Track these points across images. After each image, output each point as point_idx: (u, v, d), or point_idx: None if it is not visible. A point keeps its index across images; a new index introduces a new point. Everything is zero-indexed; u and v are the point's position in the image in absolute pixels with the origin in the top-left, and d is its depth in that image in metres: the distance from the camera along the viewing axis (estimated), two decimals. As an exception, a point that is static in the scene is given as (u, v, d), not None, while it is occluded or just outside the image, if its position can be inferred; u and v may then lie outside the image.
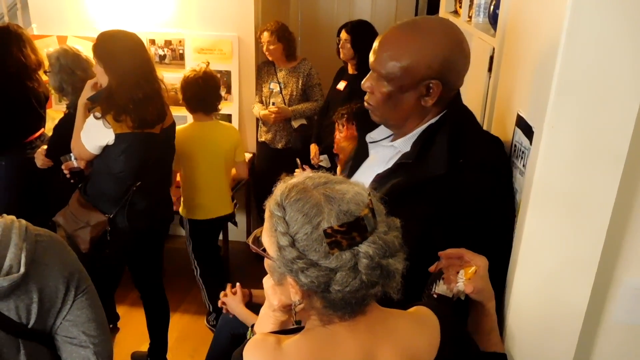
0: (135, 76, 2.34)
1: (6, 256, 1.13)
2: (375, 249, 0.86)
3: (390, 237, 0.88)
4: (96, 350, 1.27)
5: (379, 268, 0.87)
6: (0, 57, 3.04)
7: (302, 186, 0.90)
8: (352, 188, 0.89)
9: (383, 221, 0.89)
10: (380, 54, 1.28)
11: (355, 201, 0.87)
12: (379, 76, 1.29)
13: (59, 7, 3.79)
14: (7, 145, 3.06)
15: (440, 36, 1.26)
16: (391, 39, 1.28)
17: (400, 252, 0.90)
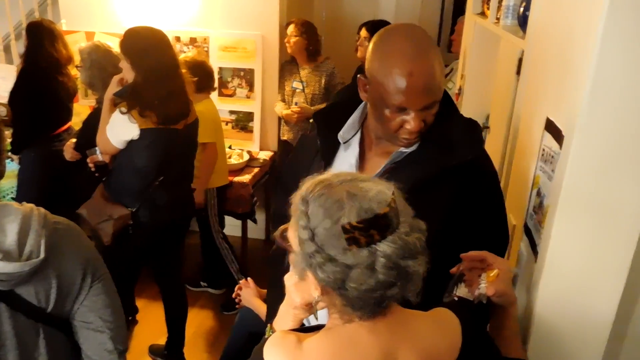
0: (161, 73, 2.36)
1: (26, 242, 1.15)
2: (395, 249, 0.85)
3: (412, 239, 0.87)
4: (112, 336, 1.30)
5: (397, 269, 0.86)
6: (32, 51, 3.12)
7: (327, 182, 0.91)
8: (376, 186, 0.89)
9: (406, 222, 0.88)
10: (436, 84, 1.22)
11: (377, 199, 0.86)
12: (432, 105, 1.24)
13: (87, 3, 3.85)
14: (36, 138, 3.12)
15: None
16: (432, 64, 1.21)
17: (421, 254, 0.88)
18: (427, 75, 1.20)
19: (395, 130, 1.26)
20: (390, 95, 1.20)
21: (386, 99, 1.22)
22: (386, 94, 1.21)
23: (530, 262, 1.32)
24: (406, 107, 1.21)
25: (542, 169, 1.31)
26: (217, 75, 3.77)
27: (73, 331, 1.29)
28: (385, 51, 1.23)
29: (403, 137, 1.26)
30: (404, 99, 1.20)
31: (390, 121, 1.24)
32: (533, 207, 1.37)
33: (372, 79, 1.25)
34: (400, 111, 1.22)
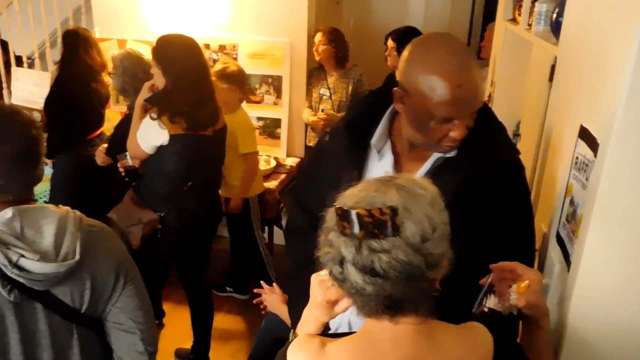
0: (191, 79, 2.39)
1: (62, 244, 1.18)
2: (352, 255, 0.86)
3: (376, 257, 0.84)
4: (143, 337, 1.33)
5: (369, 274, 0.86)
6: (68, 59, 3.20)
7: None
8: (392, 194, 0.87)
9: (391, 240, 0.84)
10: (481, 92, 1.24)
11: (373, 200, 0.86)
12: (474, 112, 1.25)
13: (120, 12, 3.93)
14: (70, 142, 3.19)
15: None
16: (475, 73, 1.22)
17: (382, 278, 0.85)
18: (474, 85, 1.20)
19: (439, 140, 1.26)
20: (438, 108, 1.20)
21: (432, 111, 1.21)
22: (433, 106, 1.20)
23: (563, 272, 1.29)
24: (453, 118, 1.21)
25: (576, 177, 1.29)
26: (245, 82, 3.83)
27: (105, 332, 1.32)
28: (427, 64, 1.22)
29: (447, 144, 1.26)
30: (453, 110, 1.20)
31: (435, 131, 1.24)
32: (566, 216, 1.34)
33: (413, 92, 1.24)
34: (446, 121, 1.22)
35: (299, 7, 3.62)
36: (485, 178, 1.25)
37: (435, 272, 0.89)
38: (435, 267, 0.88)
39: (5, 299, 1.14)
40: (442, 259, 0.89)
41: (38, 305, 1.19)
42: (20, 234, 1.16)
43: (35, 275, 1.13)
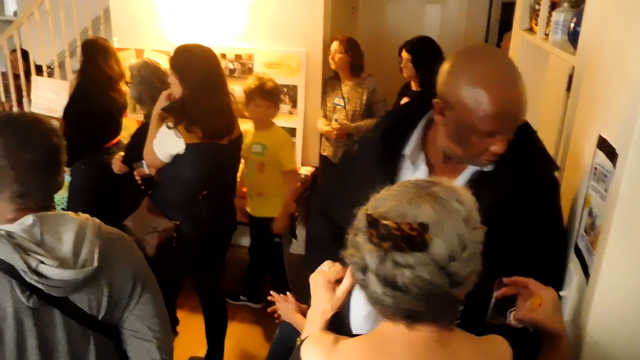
0: (208, 89, 2.41)
1: (81, 251, 1.20)
2: (376, 264, 0.85)
3: (399, 272, 0.84)
4: (159, 345, 1.33)
5: (389, 286, 0.86)
6: (87, 68, 3.25)
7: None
8: (429, 207, 0.85)
9: (416, 256, 0.83)
10: (523, 107, 1.21)
11: (404, 212, 0.85)
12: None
13: (138, 22, 3.99)
14: (88, 151, 3.23)
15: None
16: (522, 88, 1.20)
17: (403, 292, 0.85)
18: (519, 100, 1.18)
19: (478, 154, 1.24)
20: (482, 121, 1.18)
21: (476, 125, 1.19)
22: (477, 120, 1.18)
23: (581, 284, 1.27)
24: (496, 132, 1.19)
25: (594, 188, 1.27)
26: (260, 91, 3.85)
27: (121, 339, 1.32)
28: (472, 76, 1.19)
29: (486, 159, 1.25)
30: (498, 125, 1.18)
31: (476, 145, 1.22)
32: (584, 227, 1.32)
33: (455, 104, 1.21)
34: (488, 136, 1.20)
35: (314, 16, 3.64)
36: (521, 193, 1.23)
37: (460, 290, 0.87)
38: (461, 285, 0.86)
39: (24, 305, 1.15)
40: (469, 277, 0.87)
41: (56, 311, 1.20)
42: (40, 241, 1.17)
43: (53, 281, 1.14)
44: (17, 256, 1.11)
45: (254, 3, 3.73)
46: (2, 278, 1.13)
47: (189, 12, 3.86)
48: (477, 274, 0.89)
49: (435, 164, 1.36)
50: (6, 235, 1.14)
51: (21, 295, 1.14)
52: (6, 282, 1.14)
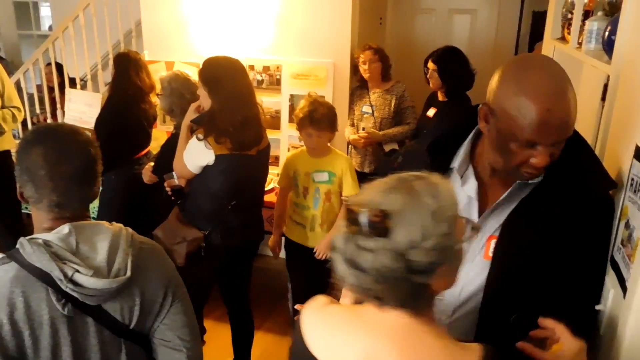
0: (237, 101, 2.43)
1: (115, 260, 1.21)
2: (341, 246, 0.93)
3: (361, 254, 0.90)
4: (189, 355, 1.34)
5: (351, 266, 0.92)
6: (119, 80, 3.32)
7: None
8: (398, 197, 0.91)
9: (378, 241, 0.89)
10: (571, 122, 1.18)
11: (375, 200, 0.92)
12: (564, 141, 1.20)
13: (168, 35, 4.07)
14: (118, 161, 3.29)
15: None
16: (569, 101, 1.17)
17: (365, 273, 0.91)
18: (564, 113, 1.15)
19: (518, 164, 1.21)
20: (522, 130, 1.16)
21: (516, 133, 1.17)
22: (517, 128, 1.16)
23: (618, 297, 1.24)
24: (536, 143, 1.17)
25: (631, 200, 1.24)
26: (288, 102, 3.88)
27: (152, 349, 1.33)
28: (518, 84, 1.17)
29: (526, 171, 1.22)
30: (537, 134, 1.15)
31: (516, 155, 1.20)
32: (621, 239, 1.29)
33: (500, 111, 1.20)
34: (528, 146, 1.18)
35: (342, 28, 3.66)
36: (574, 211, 1.22)
37: (427, 278, 0.91)
38: (425, 274, 0.90)
39: (60, 313, 1.17)
40: (436, 268, 0.90)
41: (90, 319, 1.21)
42: (75, 250, 1.19)
43: (88, 290, 1.16)
44: (54, 265, 1.13)
45: (281, 15, 3.77)
46: (39, 286, 1.16)
47: (218, 25, 3.92)
48: (456, 267, 0.95)
49: (484, 177, 1.34)
50: (43, 244, 1.16)
51: (57, 303, 1.16)
52: (43, 290, 1.16)
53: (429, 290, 0.93)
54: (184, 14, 3.99)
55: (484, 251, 1.29)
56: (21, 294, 1.14)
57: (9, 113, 3.48)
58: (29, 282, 1.15)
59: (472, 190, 1.32)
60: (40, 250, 1.15)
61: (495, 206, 1.30)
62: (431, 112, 3.55)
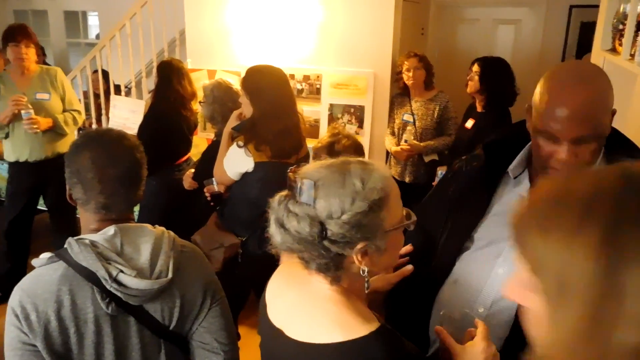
0: (278, 109, 2.44)
1: (157, 262, 1.24)
2: (275, 207, 1.07)
3: (287, 216, 1.03)
4: (226, 358, 1.35)
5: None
6: (162, 88, 3.39)
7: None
8: (330, 171, 1.03)
9: (303, 207, 1.01)
10: (590, 117, 1.17)
11: (312, 172, 1.04)
12: (586, 139, 1.19)
13: (210, 44, 4.14)
14: (160, 167, 3.35)
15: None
16: (590, 96, 1.17)
17: (282, 228, 1.04)
18: (579, 105, 1.15)
19: (545, 160, 1.23)
20: (542, 121, 1.19)
21: (539, 125, 1.21)
22: (539, 119, 1.20)
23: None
24: (558, 137, 1.18)
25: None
26: (327, 112, 3.88)
27: (190, 351, 1.35)
28: (550, 80, 1.22)
29: (552, 166, 1.23)
30: (552, 125, 1.18)
31: (542, 149, 1.22)
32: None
33: (533, 107, 1.25)
34: (551, 139, 1.20)
35: (384, 38, 3.65)
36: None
37: (342, 249, 1.00)
38: (338, 244, 1.00)
39: (104, 311, 1.20)
40: (353, 242, 1.00)
41: (132, 319, 1.24)
42: (120, 251, 1.22)
43: (131, 290, 1.18)
44: (100, 264, 1.16)
45: (323, 25, 3.79)
46: (85, 285, 1.19)
47: (259, 34, 3.97)
48: (378, 247, 1.02)
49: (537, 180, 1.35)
50: (90, 244, 1.19)
51: (101, 302, 1.19)
52: (88, 288, 1.19)
53: (346, 261, 1.02)
54: (226, 24, 4.05)
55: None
56: (68, 292, 1.18)
57: (70, 116, 3.60)
58: (75, 280, 1.19)
59: (524, 191, 1.32)
60: (87, 250, 1.18)
61: None
62: (469, 124, 3.49)
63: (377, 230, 1.01)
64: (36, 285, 1.19)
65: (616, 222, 0.55)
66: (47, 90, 3.54)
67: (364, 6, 3.64)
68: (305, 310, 1.07)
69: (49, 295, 1.17)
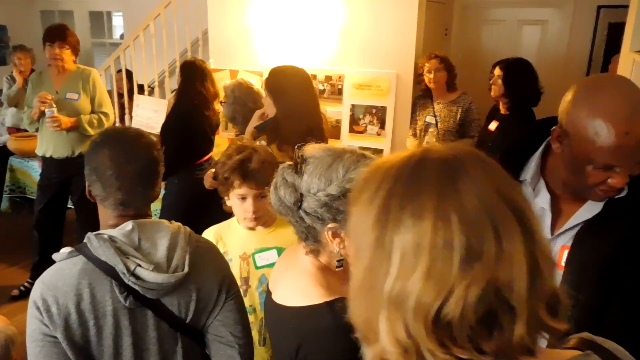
0: (301, 110, 2.43)
1: (174, 257, 1.26)
2: (279, 174, 1.20)
3: (282, 182, 1.17)
4: (241, 351, 1.36)
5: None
6: (185, 88, 3.43)
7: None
8: (325, 153, 1.15)
9: (293, 177, 1.15)
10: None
11: (311, 151, 1.17)
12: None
13: (233, 44, 4.16)
14: (182, 166, 3.37)
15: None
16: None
17: (277, 196, 1.18)
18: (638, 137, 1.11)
19: (595, 185, 1.18)
20: (599, 153, 1.13)
21: (592, 157, 1.15)
22: (594, 151, 1.14)
23: None
24: (615, 166, 1.14)
25: None
26: (349, 112, 3.86)
27: (206, 343, 1.37)
28: (593, 106, 1.15)
29: (602, 190, 1.18)
30: (616, 158, 1.13)
31: (591, 177, 1.17)
32: None
33: (574, 134, 1.18)
34: (606, 169, 1.15)
35: (407, 38, 3.62)
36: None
37: (315, 223, 1.12)
38: (311, 217, 1.12)
39: (122, 305, 1.22)
40: (324, 220, 1.11)
41: (149, 312, 1.26)
42: (137, 245, 1.24)
43: (148, 284, 1.20)
44: (118, 259, 1.18)
45: (345, 26, 3.77)
46: (103, 278, 1.21)
47: (282, 35, 3.97)
48: (335, 223, 1.10)
49: (555, 190, 1.31)
50: (109, 239, 1.22)
51: (119, 295, 1.21)
52: (107, 282, 1.21)
53: (321, 236, 1.13)
54: (249, 24, 4.06)
55: (556, 260, 1.26)
56: (87, 286, 1.20)
57: (95, 117, 3.67)
58: (95, 274, 1.21)
59: (545, 202, 1.31)
60: (105, 245, 1.20)
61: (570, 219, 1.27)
62: (493, 126, 3.43)
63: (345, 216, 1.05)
64: (57, 278, 1.22)
65: (390, 192, 0.65)
66: (78, 90, 3.63)
67: (387, 6, 3.61)
68: (288, 278, 1.22)
69: (69, 288, 1.19)
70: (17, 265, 4.23)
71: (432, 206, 0.61)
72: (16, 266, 4.23)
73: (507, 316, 0.59)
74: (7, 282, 3.97)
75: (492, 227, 0.60)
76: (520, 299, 0.59)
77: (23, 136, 4.64)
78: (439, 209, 0.61)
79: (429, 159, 0.66)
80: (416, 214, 0.61)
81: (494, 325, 0.59)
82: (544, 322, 0.61)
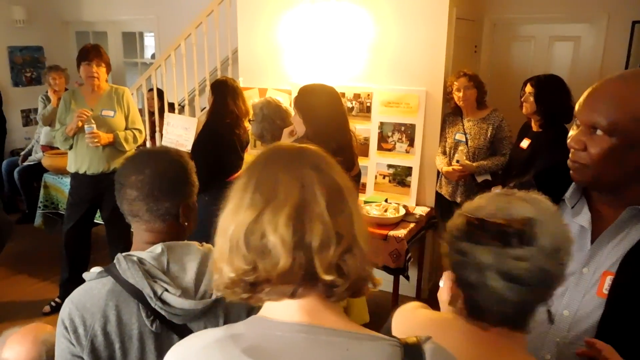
0: (331, 128, 2.43)
1: (202, 282, 1.24)
2: (492, 262, 0.93)
3: (516, 265, 0.93)
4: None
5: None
6: (218, 107, 3.47)
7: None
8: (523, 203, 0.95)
9: (528, 249, 0.91)
10: (600, 104, 1.14)
11: (509, 211, 0.95)
12: (597, 129, 1.14)
13: (262, 63, 4.19)
14: (212, 183, 3.38)
15: None
16: (620, 87, 1.14)
17: (519, 283, 0.93)
18: (603, 90, 1.15)
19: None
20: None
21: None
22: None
23: None
24: (577, 119, 1.19)
25: None
26: (377, 130, 3.84)
27: None
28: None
29: (570, 153, 1.21)
30: (577, 108, 1.18)
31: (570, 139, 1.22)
32: None
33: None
34: (576, 124, 1.20)
35: (436, 56, 3.59)
36: None
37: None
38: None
39: (148, 328, 1.20)
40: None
41: (175, 337, 1.23)
42: (166, 269, 1.23)
43: (175, 309, 1.18)
44: (146, 282, 1.17)
45: (374, 43, 3.76)
46: (131, 301, 1.20)
47: (310, 53, 3.98)
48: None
49: (599, 208, 1.26)
50: (137, 262, 1.21)
51: (146, 319, 1.20)
52: (134, 305, 1.20)
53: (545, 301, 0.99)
54: (278, 42, 4.09)
55: (598, 287, 1.19)
56: (114, 308, 1.20)
57: (130, 134, 3.75)
58: (122, 296, 1.20)
59: (585, 221, 1.25)
60: (134, 267, 1.19)
61: (608, 237, 1.21)
62: (525, 143, 3.36)
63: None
64: (85, 298, 1.21)
65: (251, 173, 0.87)
66: (113, 107, 3.71)
67: (416, 24, 3.60)
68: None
69: (96, 309, 1.19)
70: (48, 280, 4.30)
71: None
72: (48, 281, 4.30)
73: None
74: (40, 296, 4.04)
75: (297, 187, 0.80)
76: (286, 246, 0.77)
77: (57, 153, 4.74)
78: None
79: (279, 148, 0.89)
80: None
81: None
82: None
